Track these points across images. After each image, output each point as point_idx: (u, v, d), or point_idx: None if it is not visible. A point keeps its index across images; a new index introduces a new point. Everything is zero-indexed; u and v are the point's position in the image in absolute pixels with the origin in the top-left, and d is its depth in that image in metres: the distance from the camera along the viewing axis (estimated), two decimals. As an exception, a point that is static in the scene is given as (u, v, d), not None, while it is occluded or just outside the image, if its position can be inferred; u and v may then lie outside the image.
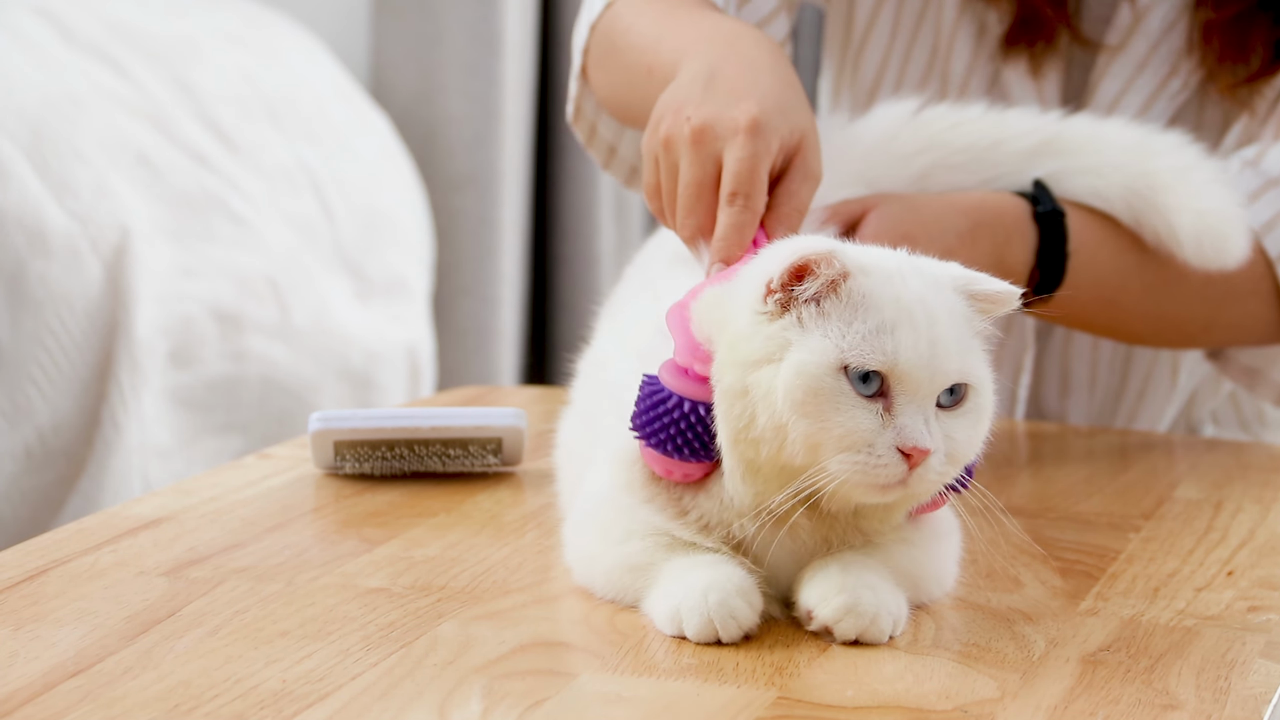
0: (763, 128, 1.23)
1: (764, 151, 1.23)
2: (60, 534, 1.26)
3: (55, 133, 2.28)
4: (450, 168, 3.10)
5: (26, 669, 1.03)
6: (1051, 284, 1.47)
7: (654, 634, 1.10)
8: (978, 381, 1.09)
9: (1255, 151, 1.55)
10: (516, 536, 1.28)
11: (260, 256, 2.50)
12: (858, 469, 1.06)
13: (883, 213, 1.38)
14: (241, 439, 2.47)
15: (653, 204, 1.30)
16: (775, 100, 1.25)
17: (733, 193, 1.22)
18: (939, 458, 1.07)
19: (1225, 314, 1.53)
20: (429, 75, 3.09)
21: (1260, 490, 1.44)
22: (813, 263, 1.07)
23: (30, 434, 2.20)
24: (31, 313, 2.19)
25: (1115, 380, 1.71)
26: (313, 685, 1.02)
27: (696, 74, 1.29)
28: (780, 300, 1.08)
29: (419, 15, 3.09)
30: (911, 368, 1.06)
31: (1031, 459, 1.53)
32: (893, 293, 1.07)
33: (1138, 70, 1.63)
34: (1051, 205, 1.46)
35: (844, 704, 1.01)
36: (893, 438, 1.06)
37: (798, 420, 1.05)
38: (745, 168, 1.22)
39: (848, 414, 1.06)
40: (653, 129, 1.29)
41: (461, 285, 3.11)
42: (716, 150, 1.24)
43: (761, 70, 1.28)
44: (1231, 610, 1.17)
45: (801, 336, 1.07)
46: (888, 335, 1.06)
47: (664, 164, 1.27)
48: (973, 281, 1.11)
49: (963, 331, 1.09)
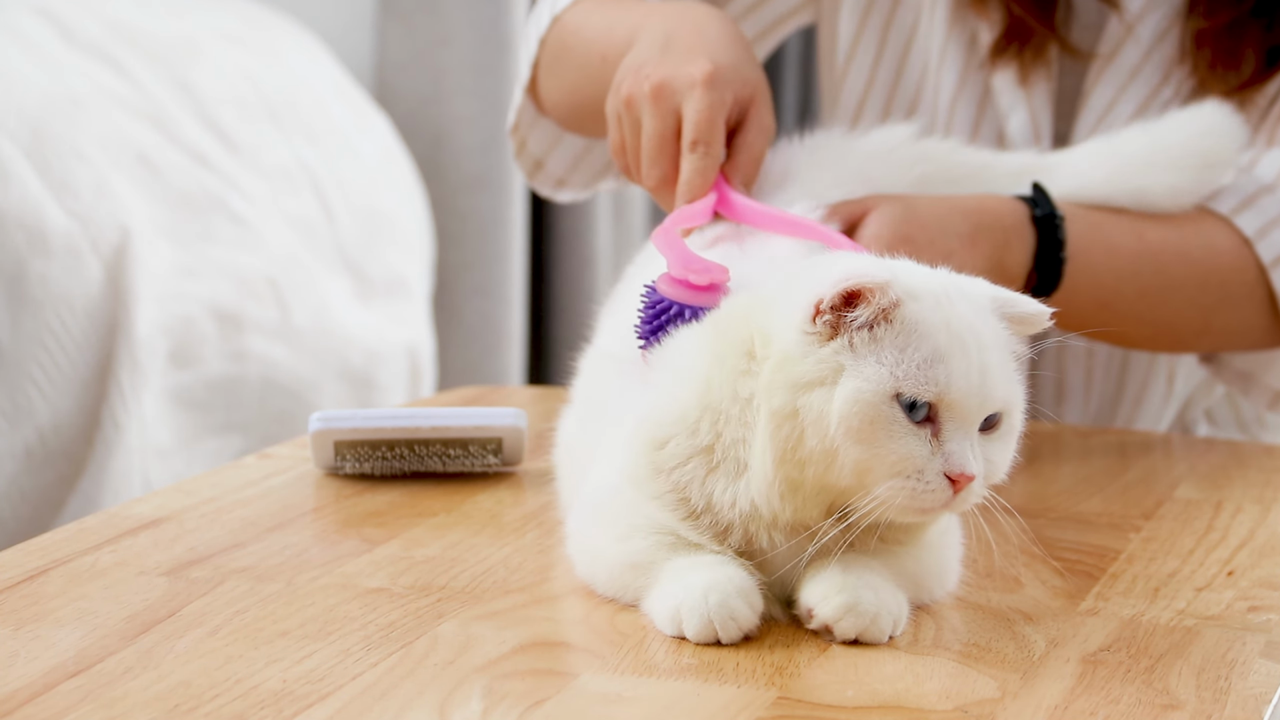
0: (717, 80, 1.33)
1: (719, 102, 1.32)
2: (60, 534, 1.26)
3: (55, 133, 2.28)
4: (460, 169, 3.10)
5: (27, 669, 1.03)
6: (1048, 287, 1.47)
7: (654, 634, 1.10)
8: (1016, 406, 1.11)
9: (1248, 158, 1.55)
10: (517, 536, 1.28)
11: (260, 256, 2.50)
12: (906, 494, 1.07)
13: (883, 214, 1.39)
14: (242, 439, 2.47)
15: (619, 161, 1.40)
16: (728, 56, 1.35)
17: (694, 141, 1.32)
18: (979, 481, 1.08)
19: (1220, 319, 1.54)
20: (438, 77, 3.09)
21: (1260, 490, 1.44)
22: (867, 291, 1.07)
23: (30, 434, 2.19)
24: (32, 313, 2.19)
25: (1111, 387, 1.72)
26: (313, 685, 1.02)
27: (653, 40, 1.38)
28: (830, 322, 1.08)
29: (427, 16, 3.09)
30: (962, 396, 1.07)
31: (1031, 459, 1.53)
32: (943, 319, 1.08)
33: (1130, 78, 1.63)
34: (1050, 209, 1.46)
35: (844, 704, 1.01)
36: (941, 464, 1.07)
37: (850, 446, 1.06)
38: (704, 118, 1.32)
39: (901, 441, 1.06)
40: (614, 91, 1.38)
41: (473, 286, 3.11)
42: (675, 104, 1.33)
43: (713, 33, 1.38)
44: (1231, 610, 1.17)
45: (855, 363, 1.07)
46: (941, 365, 1.07)
47: (627, 122, 1.37)
48: (1009, 302, 1.12)
49: (1005, 355, 1.11)
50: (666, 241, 1.22)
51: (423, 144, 3.10)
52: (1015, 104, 1.64)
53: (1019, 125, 1.64)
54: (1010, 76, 1.64)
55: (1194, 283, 1.51)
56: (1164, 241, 1.51)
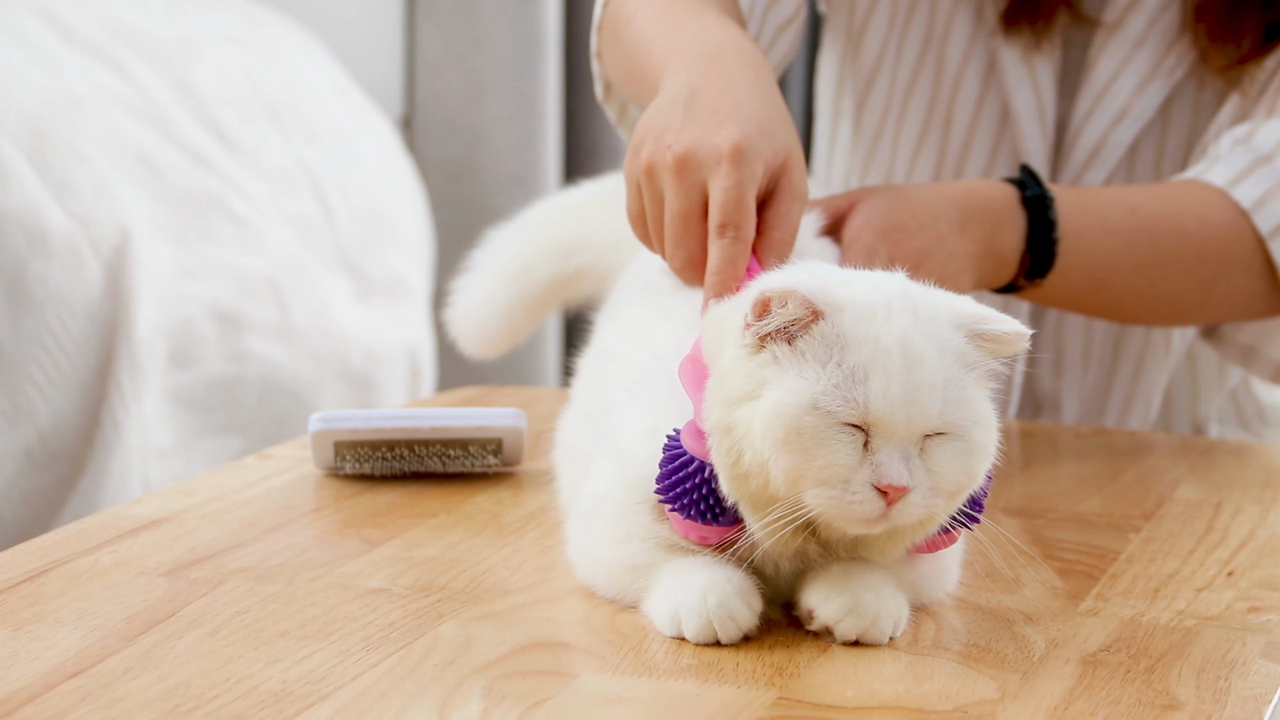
0: (746, 153, 1.21)
1: (749, 178, 1.21)
2: (60, 534, 1.26)
3: (55, 133, 2.28)
4: (497, 169, 3.12)
5: (26, 669, 1.03)
6: (1042, 268, 1.47)
7: (654, 634, 1.10)
8: (965, 429, 1.07)
9: (1246, 129, 1.55)
10: (516, 537, 1.28)
11: (260, 257, 2.50)
12: (833, 503, 1.05)
13: (871, 204, 1.38)
14: (241, 439, 2.47)
15: (637, 230, 1.29)
16: (757, 122, 1.23)
17: (722, 224, 1.20)
18: (920, 493, 1.06)
19: (1218, 291, 1.54)
20: (474, 78, 3.12)
21: (1260, 491, 1.44)
22: (772, 299, 1.05)
23: (30, 434, 2.19)
24: (31, 313, 2.19)
25: (1108, 359, 1.72)
26: (313, 686, 1.02)
27: (677, 95, 1.27)
28: (756, 333, 1.07)
29: (463, 18, 3.11)
30: (884, 416, 1.05)
31: (1030, 459, 1.53)
32: (871, 333, 1.06)
33: (1135, 48, 1.63)
34: (1039, 190, 1.46)
35: (844, 704, 1.01)
36: (869, 474, 1.05)
37: (779, 455, 1.05)
38: (732, 197, 1.20)
39: (828, 450, 1.04)
40: (633, 154, 1.27)
41: None
42: (701, 179, 1.22)
43: (742, 89, 1.26)
44: (1232, 611, 1.17)
45: (778, 375, 1.06)
46: (860, 384, 1.05)
47: (648, 192, 1.25)
48: (980, 321, 1.08)
49: (953, 373, 1.07)
50: (694, 382, 1.11)
51: (460, 144, 3.13)
52: (1021, 82, 1.64)
53: (1025, 104, 1.64)
54: (1016, 53, 1.64)
55: (1191, 256, 1.51)
56: (1159, 216, 1.50)
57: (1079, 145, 1.65)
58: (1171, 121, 1.66)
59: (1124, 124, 1.64)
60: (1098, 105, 1.64)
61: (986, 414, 1.08)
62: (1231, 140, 1.55)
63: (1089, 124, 1.64)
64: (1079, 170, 1.65)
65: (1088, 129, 1.65)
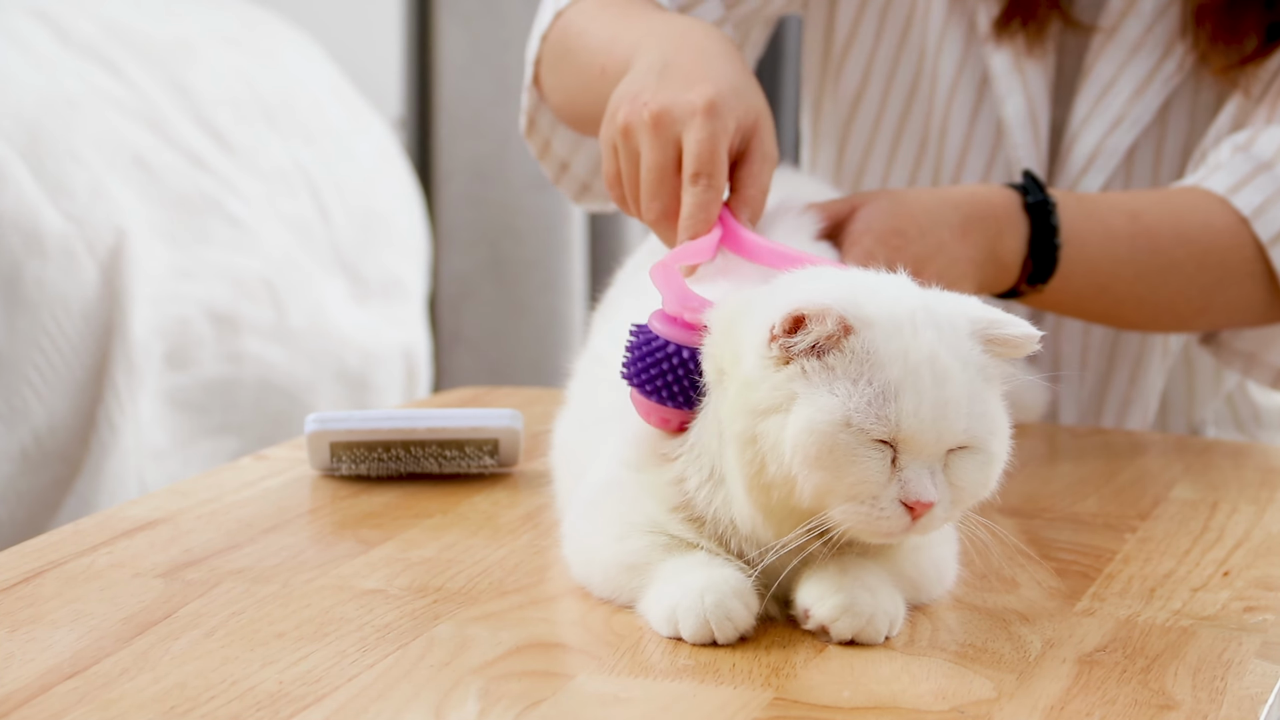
0: (719, 108, 1.26)
1: (722, 131, 1.26)
2: (56, 536, 1.26)
3: (51, 134, 2.28)
4: (523, 169, 3.15)
5: (22, 671, 1.03)
6: (1044, 274, 1.47)
7: (650, 635, 1.10)
8: (984, 440, 1.08)
9: (1246, 136, 1.55)
10: (513, 538, 1.27)
11: (256, 258, 2.50)
12: (861, 519, 1.06)
13: (872, 209, 1.38)
14: (237, 440, 2.47)
15: (614, 192, 1.33)
16: (729, 82, 1.28)
17: (695, 173, 1.25)
18: (943, 506, 1.07)
19: (1219, 297, 1.54)
20: (500, 79, 3.13)
21: (1256, 491, 1.44)
22: (807, 317, 1.06)
23: (26, 436, 2.19)
24: (27, 314, 2.19)
25: (1104, 364, 1.72)
26: (309, 687, 1.02)
27: (651, 64, 1.32)
28: (784, 346, 1.07)
29: (488, 20, 3.13)
30: (914, 435, 1.05)
31: (1027, 459, 1.52)
32: (900, 348, 1.06)
33: (1131, 53, 1.63)
34: (1041, 195, 1.46)
35: (840, 705, 1.01)
36: (897, 491, 1.06)
37: (808, 471, 1.05)
38: (706, 148, 1.25)
39: (858, 466, 1.05)
40: (610, 119, 1.31)
41: (540, 282, 3.16)
42: (676, 133, 1.27)
43: (713, 57, 1.31)
44: (1228, 610, 1.17)
45: (808, 391, 1.06)
46: (891, 402, 1.05)
47: (624, 151, 1.30)
48: (993, 325, 1.09)
49: (975, 386, 1.08)
50: (664, 277, 1.16)
51: (487, 145, 3.15)
52: (1012, 88, 1.64)
53: (1015, 110, 1.64)
54: (1008, 59, 1.64)
55: (1192, 262, 1.51)
56: (1160, 222, 1.50)
57: (1076, 151, 1.65)
58: (1169, 126, 1.66)
59: (1121, 129, 1.64)
60: (1095, 111, 1.64)
61: (1002, 424, 1.10)
62: (1232, 147, 1.55)
63: (1086, 129, 1.64)
64: (1076, 176, 1.65)
65: (1085, 135, 1.64)
